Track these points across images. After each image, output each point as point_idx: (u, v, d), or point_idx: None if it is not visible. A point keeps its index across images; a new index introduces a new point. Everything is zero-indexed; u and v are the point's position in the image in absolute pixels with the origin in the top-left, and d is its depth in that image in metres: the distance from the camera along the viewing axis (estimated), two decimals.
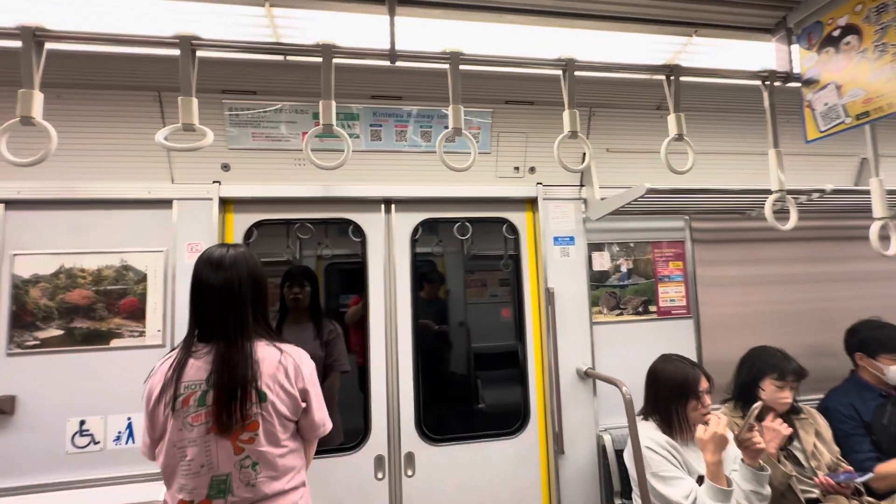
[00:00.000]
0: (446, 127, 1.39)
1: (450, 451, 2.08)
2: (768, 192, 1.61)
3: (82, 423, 1.79)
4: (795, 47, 1.65)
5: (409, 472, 2.03)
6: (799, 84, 1.63)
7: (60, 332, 1.83)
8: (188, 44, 1.24)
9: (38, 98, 1.17)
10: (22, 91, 1.15)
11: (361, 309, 2.14)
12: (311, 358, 1.39)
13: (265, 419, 1.22)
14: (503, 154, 2.19)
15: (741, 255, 2.42)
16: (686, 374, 1.73)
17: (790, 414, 1.94)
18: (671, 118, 1.48)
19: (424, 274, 2.33)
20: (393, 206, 2.17)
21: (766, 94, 1.60)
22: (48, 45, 1.21)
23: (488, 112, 2.11)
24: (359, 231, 2.15)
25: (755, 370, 1.96)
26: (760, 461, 1.60)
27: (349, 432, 2.06)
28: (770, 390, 1.90)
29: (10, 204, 1.83)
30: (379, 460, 2.00)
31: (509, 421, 2.19)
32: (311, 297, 2.20)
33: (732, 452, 1.73)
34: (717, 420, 1.59)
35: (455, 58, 1.36)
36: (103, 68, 1.77)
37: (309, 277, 2.21)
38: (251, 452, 1.21)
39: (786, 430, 1.80)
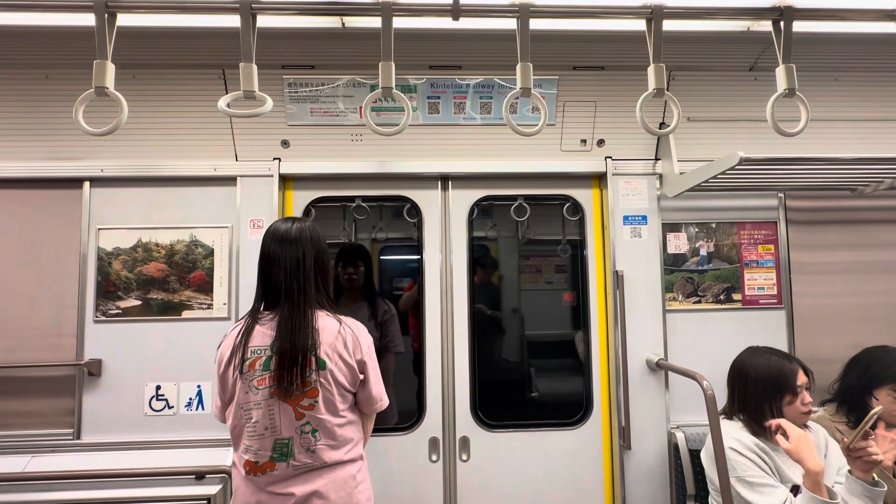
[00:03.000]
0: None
1: (506, 438, 2.00)
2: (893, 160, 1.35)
3: (158, 388, 1.90)
4: None
5: (464, 457, 1.97)
6: None
7: (139, 302, 1.94)
8: (248, 8, 1.22)
9: (111, 69, 1.20)
10: (97, 62, 1.19)
11: (416, 294, 2.10)
12: None
13: (324, 387, 1.26)
14: (569, 125, 2.02)
15: (848, 239, 2.10)
16: (781, 367, 1.52)
17: None
18: (780, 70, 1.25)
19: (478, 259, 2.24)
20: (450, 182, 2.09)
21: None
22: (120, 17, 1.23)
23: (553, 80, 1.94)
24: (414, 210, 2.09)
25: (869, 376, 1.67)
26: (874, 475, 1.38)
27: (403, 414, 2.04)
28: (887, 402, 1.61)
29: (95, 181, 1.95)
30: (433, 443, 1.97)
31: (569, 410, 2.07)
32: (365, 276, 2.18)
33: (836, 462, 1.52)
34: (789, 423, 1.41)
35: (525, 10, 1.23)
36: (171, 47, 1.82)
37: (363, 257, 2.19)
38: (311, 419, 1.25)
39: None
